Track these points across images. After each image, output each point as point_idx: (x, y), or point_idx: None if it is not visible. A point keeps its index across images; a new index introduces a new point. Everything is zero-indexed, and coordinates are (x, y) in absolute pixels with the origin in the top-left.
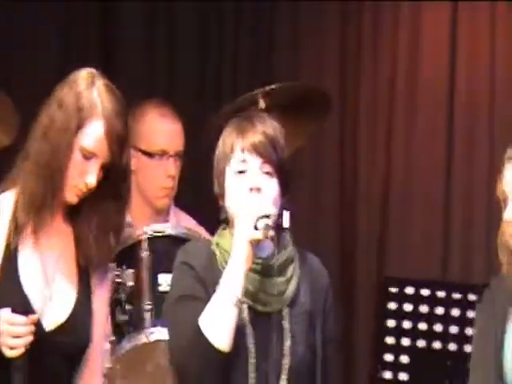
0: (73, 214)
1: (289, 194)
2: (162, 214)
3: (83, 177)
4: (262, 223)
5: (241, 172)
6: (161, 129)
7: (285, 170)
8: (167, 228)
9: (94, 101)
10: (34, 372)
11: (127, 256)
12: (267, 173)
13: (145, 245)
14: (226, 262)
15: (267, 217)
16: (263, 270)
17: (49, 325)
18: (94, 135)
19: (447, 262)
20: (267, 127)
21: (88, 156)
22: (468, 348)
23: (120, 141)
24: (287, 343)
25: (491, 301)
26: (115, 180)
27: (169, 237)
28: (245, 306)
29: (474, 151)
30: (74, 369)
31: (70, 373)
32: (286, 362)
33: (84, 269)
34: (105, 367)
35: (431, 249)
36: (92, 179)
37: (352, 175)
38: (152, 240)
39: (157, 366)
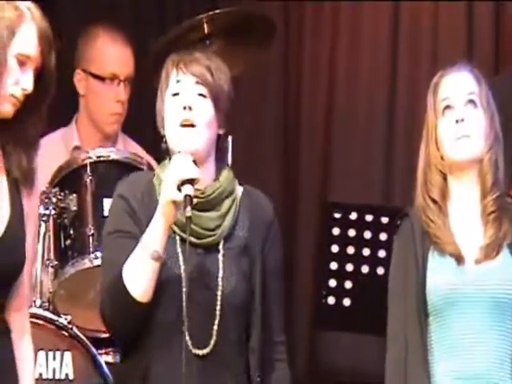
0: None
1: (227, 125)
2: (110, 140)
3: (19, 84)
4: (185, 189)
5: (176, 94)
6: (112, 53)
7: (221, 98)
8: (111, 153)
9: (21, 9)
10: None
11: (71, 181)
12: (201, 94)
13: (88, 169)
14: None
15: (192, 181)
16: (198, 205)
17: None
18: (27, 38)
19: (390, 187)
20: (206, 57)
21: (23, 61)
22: None
23: (50, 43)
24: (220, 274)
25: (410, 230)
26: (44, 87)
27: (113, 162)
28: (177, 238)
29: (418, 72)
30: (6, 296)
31: (3, 301)
32: (219, 292)
33: (14, 185)
34: (48, 292)
35: (374, 173)
36: (29, 84)
37: (295, 100)
38: (96, 165)
39: (99, 291)
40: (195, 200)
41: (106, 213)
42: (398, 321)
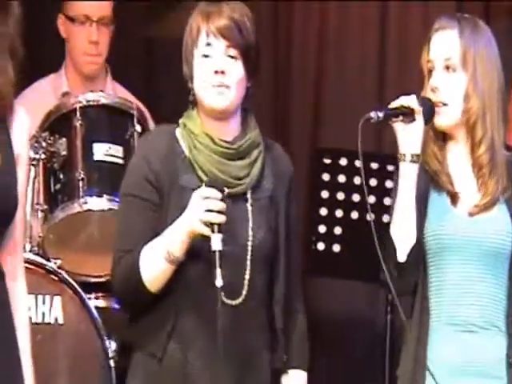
0: None
1: (255, 77)
2: (94, 82)
3: None
4: (214, 241)
5: (206, 56)
6: None
7: (251, 54)
8: (101, 97)
9: None
10: None
11: (61, 125)
12: (232, 56)
13: (78, 114)
14: (194, 145)
15: (218, 227)
16: (226, 154)
17: None
18: None
19: (381, 133)
20: (234, 11)
21: None
22: None
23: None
24: (250, 225)
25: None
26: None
27: (103, 106)
28: (225, 209)
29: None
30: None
31: None
32: (249, 243)
33: (2, 124)
34: (37, 236)
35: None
36: None
37: (286, 45)
38: (86, 109)
39: (90, 236)
40: (236, 142)
41: (96, 157)
42: None
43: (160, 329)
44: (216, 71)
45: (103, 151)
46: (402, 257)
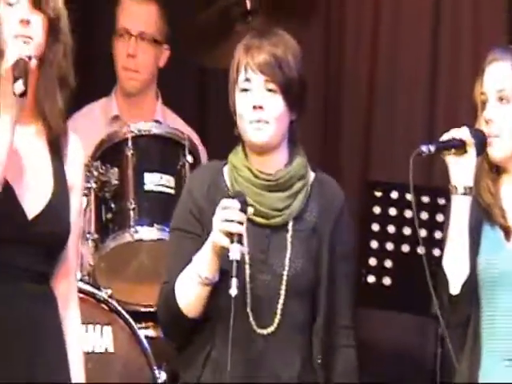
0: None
1: (300, 111)
2: (143, 106)
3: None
4: (233, 250)
5: (245, 90)
6: (127, 9)
7: (292, 88)
8: (152, 127)
9: None
10: (17, 264)
11: (113, 154)
12: (270, 90)
13: (130, 143)
14: (236, 180)
15: (239, 237)
16: (266, 186)
17: (30, 213)
18: None
19: (432, 166)
20: (276, 46)
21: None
22: None
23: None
24: (287, 255)
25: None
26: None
27: (154, 136)
28: (245, 220)
29: (459, 54)
30: (51, 267)
31: (50, 268)
32: (285, 272)
33: (55, 149)
34: (88, 265)
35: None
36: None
37: (337, 78)
38: (137, 138)
39: (140, 265)
40: (279, 174)
41: (146, 187)
42: None
43: (196, 358)
44: (254, 106)
45: (154, 181)
46: (454, 289)
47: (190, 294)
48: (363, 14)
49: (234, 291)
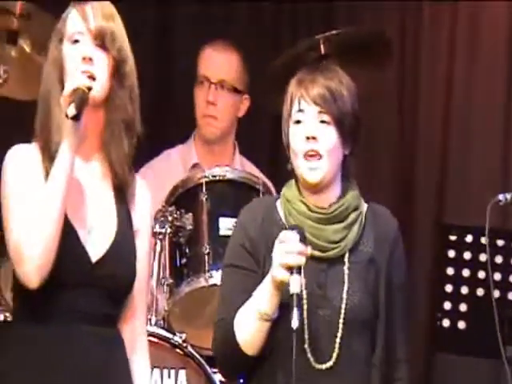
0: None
1: (353, 145)
2: (221, 156)
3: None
4: (293, 283)
5: (298, 122)
6: (207, 58)
7: (346, 121)
8: (227, 172)
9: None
10: (80, 307)
11: (187, 199)
12: (324, 121)
13: (204, 188)
14: (289, 212)
15: (299, 270)
16: (321, 219)
17: (93, 256)
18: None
19: (507, 209)
20: (330, 79)
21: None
22: None
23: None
24: (345, 288)
25: None
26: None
27: (229, 181)
28: (306, 251)
29: None
30: (117, 311)
31: (116, 311)
32: (343, 306)
33: (121, 200)
34: (163, 310)
35: (491, 195)
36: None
37: (411, 115)
38: (212, 184)
39: (214, 310)
40: (333, 207)
41: (221, 232)
42: None
43: None
44: (307, 137)
45: (229, 226)
46: None
47: (249, 329)
48: (438, 48)
49: (295, 323)
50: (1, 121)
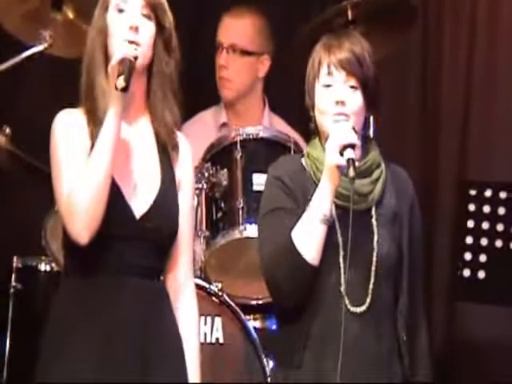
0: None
1: (374, 107)
2: (250, 114)
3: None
4: (347, 153)
5: (327, 86)
6: (222, 24)
7: (370, 85)
8: (260, 131)
9: None
10: (127, 260)
11: (222, 157)
12: (352, 86)
13: (239, 146)
14: (317, 169)
15: (352, 146)
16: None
17: (137, 211)
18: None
19: None
20: (355, 45)
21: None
22: None
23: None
24: (375, 238)
25: None
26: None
27: (262, 139)
28: (333, 207)
29: None
30: (162, 263)
31: (160, 263)
32: (374, 254)
33: (164, 155)
34: (200, 261)
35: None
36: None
37: (434, 83)
38: (246, 142)
39: (249, 261)
40: (357, 163)
41: (255, 187)
42: None
43: (298, 338)
44: (337, 102)
45: (262, 181)
46: None
47: (311, 237)
48: (460, 20)
49: (352, 173)
50: (50, 77)
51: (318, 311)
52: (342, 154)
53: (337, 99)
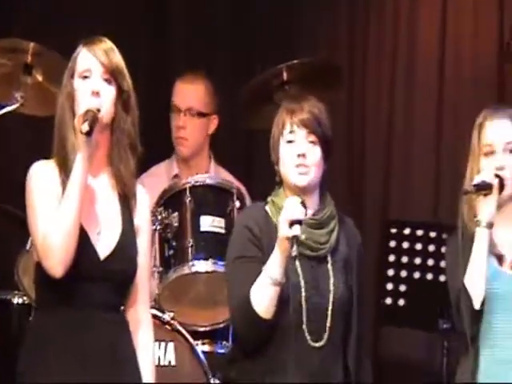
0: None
1: (327, 161)
2: (198, 166)
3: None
4: (294, 229)
5: (290, 141)
6: (177, 89)
7: (327, 141)
8: (206, 178)
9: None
10: (93, 297)
11: (173, 202)
12: (311, 141)
13: (188, 192)
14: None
15: (299, 222)
16: (311, 224)
17: (102, 254)
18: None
19: (438, 206)
20: (313, 107)
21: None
22: None
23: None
24: (331, 281)
25: (456, 245)
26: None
27: (208, 186)
28: (296, 253)
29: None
30: (123, 298)
31: (122, 299)
32: (331, 295)
33: (124, 200)
34: (155, 293)
35: (427, 193)
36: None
37: (360, 129)
38: (194, 188)
39: (198, 293)
40: (302, 236)
41: (202, 228)
42: None
43: (256, 368)
44: (298, 154)
45: (208, 223)
46: (477, 305)
47: (264, 297)
48: (381, 77)
49: (294, 252)
50: (20, 134)
51: (280, 345)
52: (291, 227)
53: (298, 152)
